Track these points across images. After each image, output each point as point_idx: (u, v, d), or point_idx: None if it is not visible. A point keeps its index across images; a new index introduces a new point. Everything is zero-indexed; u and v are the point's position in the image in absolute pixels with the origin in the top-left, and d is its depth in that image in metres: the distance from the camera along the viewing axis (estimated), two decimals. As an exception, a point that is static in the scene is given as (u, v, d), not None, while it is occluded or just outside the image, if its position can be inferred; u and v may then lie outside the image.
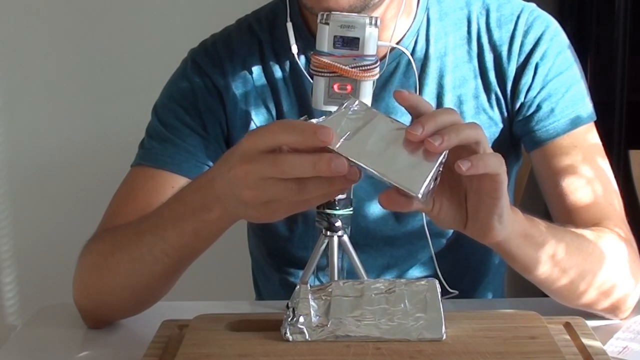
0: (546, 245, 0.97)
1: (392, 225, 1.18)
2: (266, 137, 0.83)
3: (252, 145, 0.84)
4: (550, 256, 0.97)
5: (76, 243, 1.11)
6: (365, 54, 0.95)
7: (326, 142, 0.80)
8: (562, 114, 1.14)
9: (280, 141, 0.82)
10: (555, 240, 0.98)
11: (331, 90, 0.96)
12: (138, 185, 1.14)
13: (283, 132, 0.82)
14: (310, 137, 0.81)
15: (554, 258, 0.98)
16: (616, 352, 0.98)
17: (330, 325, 0.88)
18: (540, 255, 0.97)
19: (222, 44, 1.19)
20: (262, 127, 0.88)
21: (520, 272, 1.00)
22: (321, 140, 0.80)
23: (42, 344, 1.09)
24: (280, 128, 0.83)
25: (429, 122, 0.82)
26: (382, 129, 0.84)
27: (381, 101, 1.14)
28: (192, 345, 0.89)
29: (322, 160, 0.80)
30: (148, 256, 0.99)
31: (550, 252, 0.97)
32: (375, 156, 0.82)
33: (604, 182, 1.14)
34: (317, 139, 0.80)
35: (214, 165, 0.92)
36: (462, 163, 0.82)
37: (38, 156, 2.37)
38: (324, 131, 0.80)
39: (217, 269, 2.15)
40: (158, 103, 1.20)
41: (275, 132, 0.83)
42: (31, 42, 2.32)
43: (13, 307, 2.45)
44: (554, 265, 0.98)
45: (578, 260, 1.01)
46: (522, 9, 1.17)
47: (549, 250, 0.97)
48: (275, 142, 0.83)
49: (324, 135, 0.80)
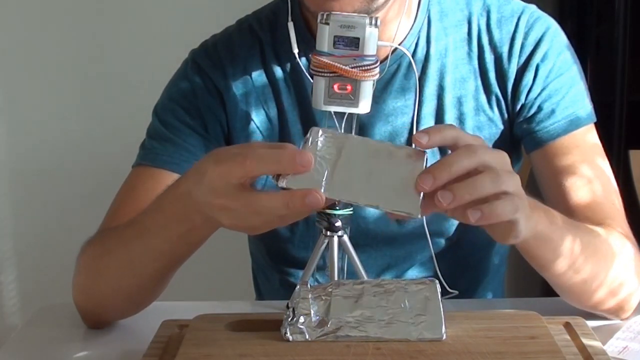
0: (563, 244, 0.97)
1: (392, 226, 1.18)
2: (237, 169, 0.82)
3: (223, 178, 0.83)
4: (567, 255, 0.98)
5: (76, 243, 1.11)
6: (366, 54, 0.95)
7: (307, 168, 0.80)
8: (563, 115, 1.14)
9: (253, 173, 0.82)
10: (572, 237, 0.98)
11: (331, 90, 0.96)
12: (138, 185, 1.14)
13: (256, 163, 0.81)
14: (288, 166, 0.80)
15: (571, 257, 0.98)
16: (616, 352, 0.98)
17: (330, 325, 0.88)
18: (558, 254, 0.97)
19: (222, 45, 1.19)
20: (233, 153, 0.85)
21: (537, 270, 1.00)
22: (302, 166, 0.80)
23: (42, 344, 1.09)
24: (253, 158, 0.82)
25: (441, 173, 0.81)
26: (358, 155, 0.83)
27: (382, 103, 1.14)
28: (192, 345, 0.89)
29: (294, 198, 0.80)
30: (137, 261, 1.00)
31: (567, 251, 0.97)
32: (364, 190, 0.82)
33: (605, 181, 1.14)
34: (296, 166, 0.80)
35: (189, 175, 0.91)
36: (471, 214, 0.81)
37: (39, 156, 2.37)
38: (303, 157, 0.80)
39: (217, 269, 2.15)
40: (159, 104, 1.20)
41: (247, 164, 0.81)
42: (32, 42, 2.32)
43: (13, 307, 2.45)
44: (570, 264, 0.99)
45: (593, 258, 1.01)
46: (522, 10, 1.17)
47: (566, 250, 0.97)
48: (248, 174, 0.82)
49: (305, 162, 0.80)
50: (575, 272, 1.00)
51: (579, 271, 1.00)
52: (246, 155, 0.82)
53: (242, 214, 0.84)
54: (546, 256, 0.97)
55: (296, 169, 0.81)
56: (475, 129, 1.16)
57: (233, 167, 0.83)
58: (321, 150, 0.84)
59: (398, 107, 1.15)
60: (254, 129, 1.16)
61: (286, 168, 0.81)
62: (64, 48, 2.33)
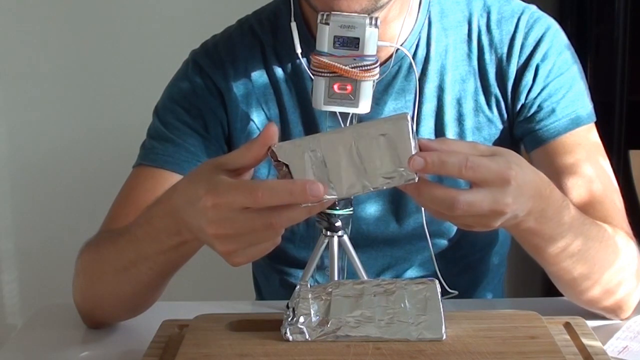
0: (559, 240, 0.97)
1: (392, 226, 1.18)
2: (245, 201, 0.81)
3: (220, 209, 0.82)
4: (564, 250, 0.98)
5: (77, 243, 1.11)
6: (365, 54, 0.95)
7: (319, 197, 0.81)
8: (563, 114, 1.14)
9: (263, 205, 0.81)
10: (572, 234, 0.98)
11: (331, 90, 0.96)
12: (138, 185, 1.14)
13: (269, 196, 0.80)
14: (300, 197, 0.80)
15: (571, 249, 0.98)
16: (616, 352, 0.98)
17: (330, 325, 0.88)
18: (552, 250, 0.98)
19: (223, 45, 1.19)
20: (230, 184, 0.84)
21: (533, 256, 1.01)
22: (314, 196, 0.80)
23: (42, 344, 1.09)
24: (265, 190, 0.81)
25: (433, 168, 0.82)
26: (338, 149, 0.82)
27: (383, 104, 1.14)
28: (192, 345, 0.89)
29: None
30: (131, 269, 1.00)
31: (563, 246, 0.97)
32: (362, 178, 0.82)
33: (606, 180, 1.14)
34: (308, 197, 0.80)
35: (180, 193, 0.90)
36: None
37: (39, 156, 2.37)
38: (314, 187, 0.80)
39: (217, 269, 2.14)
40: (159, 104, 1.20)
41: (258, 196, 0.80)
42: (32, 43, 2.32)
43: (13, 307, 2.45)
44: (570, 255, 0.99)
45: (597, 254, 1.01)
46: (522, 10, 1.17)
47: (562, 245, 0.97)
48: (256, 206, 0.82)
49: (316, 192, 0.80)
50: (576, 264, 1.00)
51: (580, 263, 1.00)
52: (257, 188, 0.81)
53: (237, 239, 0.84)
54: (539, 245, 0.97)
55: (307, 199, 0.81)
56: (475, 129, 1.16)
57: (237, 198, 0.82)
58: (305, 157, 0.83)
59: (398, 108, 1.15)
60: (255, 129, 1.16)
61: (298, 199, 0.81)
62: (64, 48, 2.33)
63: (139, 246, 0.97)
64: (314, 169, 0.82)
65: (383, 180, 0.83)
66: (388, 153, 0.82)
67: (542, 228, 0.94)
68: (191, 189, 0.87)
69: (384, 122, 0.83)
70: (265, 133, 0.83)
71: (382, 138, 0.82)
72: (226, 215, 0.82)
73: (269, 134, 0.83)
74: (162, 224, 0.93)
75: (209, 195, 0.83)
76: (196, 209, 0.84)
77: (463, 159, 0.83)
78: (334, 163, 0.82)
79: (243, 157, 0.85)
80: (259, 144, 0.83)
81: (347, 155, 0.82)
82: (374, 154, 0.82)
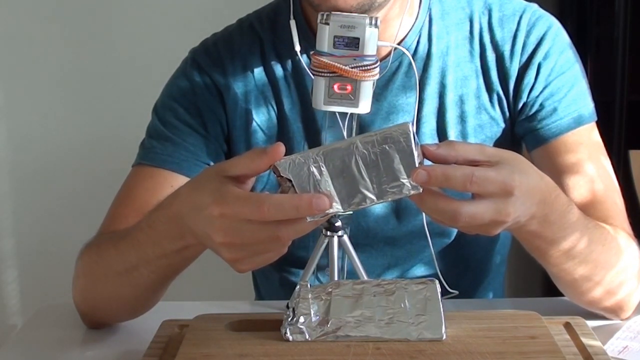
0: (562, 243, 0.97)
1: (393, 225, 1.18)
2: (251, 214, 0.82)
3: (227, 219, 0.83)
4: (566, 253, 0.98)
5: (77, 243, 1.11)
6: (365, 54, 0.95)
7: (324, 209, 0.82)
8: (565, 112, 1.14)
9: (269, 219, 0.82)
10: (575, 236, 0.97)
11: (331, 90, 0.95)
12: (138, 185, 1.14)
13: (275, 210, 0.81)
14: (306, 211, 0.81)
15: (574, 250, 0.98)
16: (616, 352, 0.98)
17: (330, 325, 0.88)
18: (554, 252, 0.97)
19: (223, 43, 1.19)
20: (237, 195, 0.84)
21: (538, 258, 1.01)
22: (320, 210, 0.82)
23: (42, 344, 1.09)
24: (271, 205, 0.81)
25: (437, 180, 0.83)
26: (341, 162, 0.83)
27: (383, 100, 1.14)
28: (192, 345, 0.89)
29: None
30: (133, 272, 1.00)
31: (566, 249, 0.97)
32: (366, 191, 0.83)
33: (607, 180, 1.14)
34: (314, 211, 0.81)
35: (183, 199, 0.90)
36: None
37: (40, 156, 2.37)
38: (320, 202, 0.81)
39: (217, 269, 2.14)
40: (158, 102, 1.20)
41: (264, 210, 0.81)
42: (32, 43, 2.32)
43: (14, 307, 2.45)
44: (573, 256, 0.99)
45: (600, 256, 1.01)
46: (524, 8, 1.16)
47: (564, 247, 0.97)
48: (263, 220, 0.82)
49: (322, 205, 0.81)
50: (578, 266, 1.00)
51: (582, 265, 1.00)
52: (263, 202, 0.82)
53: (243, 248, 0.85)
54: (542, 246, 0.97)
55: (313, 213, 0.82)
56: (477, 128, 1.16)
57: (244, 210, 0.82)
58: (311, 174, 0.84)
59: (399, 105, 1.15)
60: (254, 127, 1.16)
61: (304, 214, 0.82)
62: (63, 48, 2.33)
63: (141, 250, 0.97)
64: (317, 183, 0.83)
65: (387, 193, 0.83)
66: (391, 165, 0.82)
67: (545, 231, 0.94)
68: (197, 196, 0.87)
69: (386, 132, 0.83)
70: (272, 152, 0.83)
71: (384, 149, 0.82)
72: (233, 225, 0.83)
73: (276, 154, 0.83)
74: (164, 229, 0.93)
75: (216, 204, 0.84)
76: (202, 216, 0.85)
77: (469, 174, 0.83)
78: (338, 176, 0.83)
79: (246, 168, 0.86)
80: (264, 161, 0.84)
81: (350, 169, 0.83)
82: (377, 166, 0.83)
